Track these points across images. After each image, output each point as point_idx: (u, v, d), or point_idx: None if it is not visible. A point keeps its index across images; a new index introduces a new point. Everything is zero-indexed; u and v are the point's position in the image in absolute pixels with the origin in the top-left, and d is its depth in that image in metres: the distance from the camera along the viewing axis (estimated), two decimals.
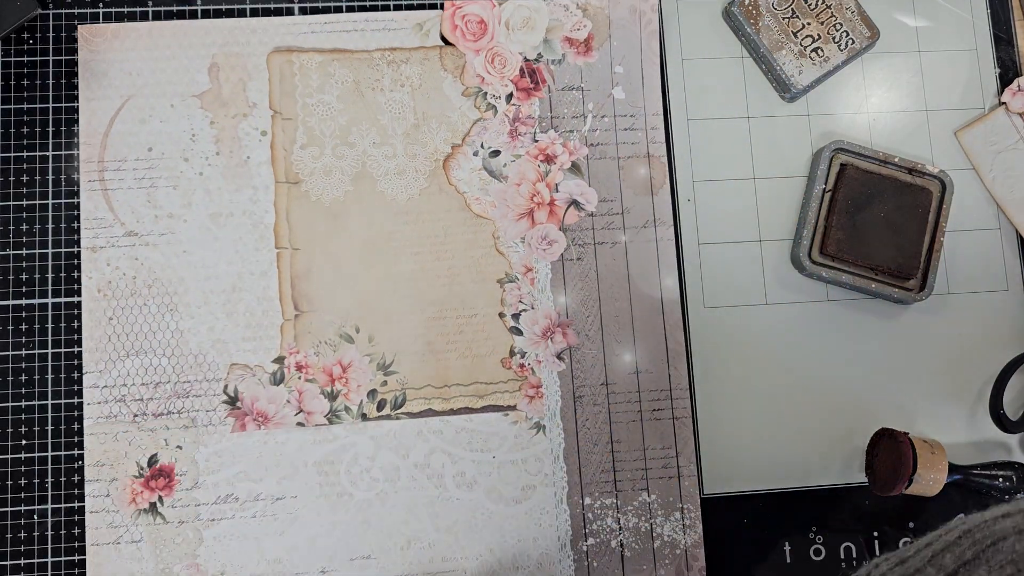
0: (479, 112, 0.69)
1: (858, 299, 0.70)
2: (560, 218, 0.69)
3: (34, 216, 0.66)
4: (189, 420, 0.65)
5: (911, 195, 0.69)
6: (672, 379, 0.68)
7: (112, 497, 0.63)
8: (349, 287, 0.67)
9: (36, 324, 0.65)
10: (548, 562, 0.65)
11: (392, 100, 0.69)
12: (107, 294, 0.65)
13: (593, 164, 0.69)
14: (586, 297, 0.68)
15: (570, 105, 0.70)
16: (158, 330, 0.65)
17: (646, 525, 0.67)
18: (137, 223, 0.66)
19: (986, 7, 0.74)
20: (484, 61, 0.69)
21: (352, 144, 0.68)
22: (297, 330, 0.66)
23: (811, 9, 0.70)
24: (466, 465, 0.66)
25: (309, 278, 0.67)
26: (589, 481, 0.67)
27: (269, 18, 0.69)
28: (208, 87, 0.68)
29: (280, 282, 0.67)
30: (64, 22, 0.68)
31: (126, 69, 0.67)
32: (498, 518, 0.66)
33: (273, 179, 0.67)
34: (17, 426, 0.64)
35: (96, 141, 0.66)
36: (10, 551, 0.63)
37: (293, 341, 0.66)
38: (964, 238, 0.72)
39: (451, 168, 0.68)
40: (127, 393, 0.64)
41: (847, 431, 0.69)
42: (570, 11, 0.70)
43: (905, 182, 0.69)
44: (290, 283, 0.66)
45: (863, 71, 0.73)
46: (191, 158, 0.67)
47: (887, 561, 0.46)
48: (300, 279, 0.67)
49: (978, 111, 0.73)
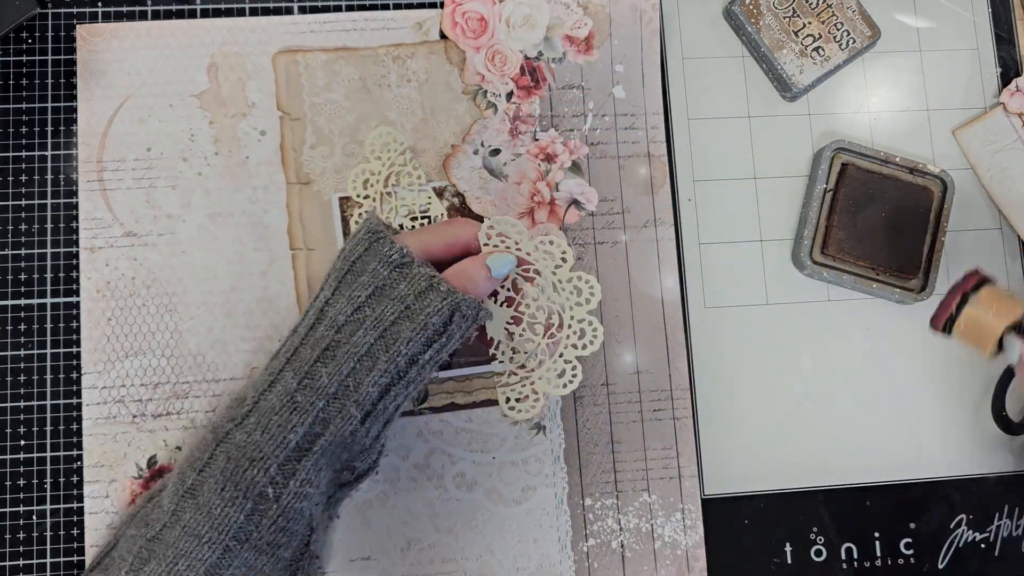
0: (479, 111, 0.69)
1: (859, 299, 0.70)
2: (560, 217, 0.68)
3: (33, 216, 0.66)
4: (188, 421, 0.64)
5: (912, 195, 0.69)
6: (673, 379, 0.68)
7: (111, 498, 0.63)
8: None
9: (35, 324, 0.65)
10: (548, 563, 0.65)
11: (400, 96, 0.69)
12: (106, 295, 0.65)
13: (593, 163, 0.69)
14: None
15: (570, 104, 0.70)
16: (157, 331, 0.65)
17: (647, 526, 0.67)
18: (136, 223, 0.66)
19: (987, 6, 0.74)
20: (484, 59, 0.69)
21: (362, 142, 0.68)
22: None
23: (812, 8, 0.70)
24: (466, 466, 0.66)
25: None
26: (589, 482, 0.67)
27: (268, 17, 0.69)
28: (207, 87, 0.67)
29: (296, 283, 0.66)
30: (63, 21, 0.68)
31: (124, 69, 0.67)
32: (498, 519, 0.66)
33: (272, 178, 0.67)
34: (16, 426, 0.64)
35: (94, 141, 0.66)
36: (9, 551, 0.63)
37: None
38: (965, 238, 0.72)
39: (451, 166, 0.68)
40: (126, 394, 0.64)
41: (848, 431, 0.69)
42: (571, 9, 0.70)
43: (906, 182, 0.69)
44: (307, 284, 0.66)
45: (864, 71, 0.73)
46: (190, 158, 0.67)
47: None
48: (317, 280, 0.66)
49: (979, 111, 0.73)
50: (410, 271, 0.53)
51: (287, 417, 0.51)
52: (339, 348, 0.52)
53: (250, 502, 0.50)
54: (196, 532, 0.50)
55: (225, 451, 0.51)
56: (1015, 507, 0.70)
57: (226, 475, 0.50)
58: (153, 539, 0.51)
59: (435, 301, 0.53)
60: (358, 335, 0.52)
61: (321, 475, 0.53)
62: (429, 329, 0.53)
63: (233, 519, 0.50)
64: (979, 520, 0.69)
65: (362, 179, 0.67)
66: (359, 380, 0.52)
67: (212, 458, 0.51)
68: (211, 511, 0.50)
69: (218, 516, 0.50)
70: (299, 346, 0.53)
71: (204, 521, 0.50)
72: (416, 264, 0.53)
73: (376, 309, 0.53)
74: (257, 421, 0.51)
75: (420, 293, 0.53)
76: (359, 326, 0.52)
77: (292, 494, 0.51)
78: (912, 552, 0.68)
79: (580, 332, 0.65)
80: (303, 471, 0.51)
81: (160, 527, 0.51)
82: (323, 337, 0.52)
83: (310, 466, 0.51)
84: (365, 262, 0.54)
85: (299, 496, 0.51)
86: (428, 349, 0.53)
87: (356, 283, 0.53)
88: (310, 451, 0.51)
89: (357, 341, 0.52)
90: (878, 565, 0.68)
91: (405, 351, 0.52)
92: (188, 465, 0.52)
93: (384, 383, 0.53)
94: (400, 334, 0.52)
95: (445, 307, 0.53)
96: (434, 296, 0.53)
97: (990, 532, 0.69)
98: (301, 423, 0.51)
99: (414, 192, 0.67)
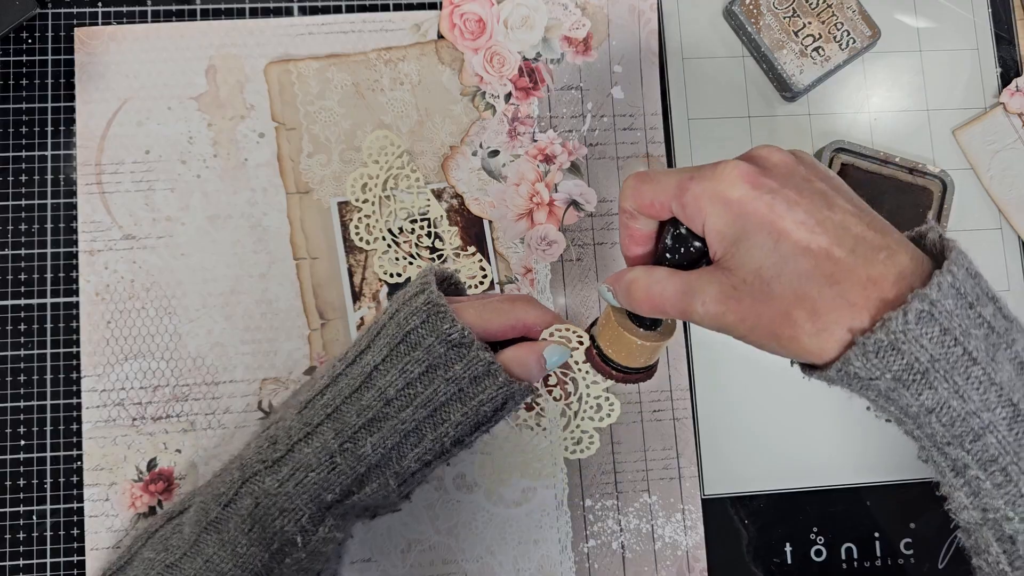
0: (477, 112, 0.69)
1: None
2: (559, 218, 0.68)
3: (33, 216, 0.66)
4: (188, 424, 0.64)
5: (912, 195, 0.69)
6: (672, 380, 0.68)
7: (112, 501, 0.63)
8: None
9: (35, 324, 0.65)
10: (549, 564, 0.65)
11: (393, 99, 0.69)
12: (105, 297, 0.65)
13: (592, 164, 0.69)
14: (586, 298, 0.68)
15: (569, 105, 0.70)
16: (156, 333, 0.65)
17: (647, 526, 0.67)
18: (135, 226, 0.66)
19: (987, 6, 0.74)
20: (483, 60, 0.69)
21: (359, 148, 0.68)
22: (325, 339, 0.66)
23: (812, 8, 0.70)
24: (466, 467, 0.66)
25: (331, 286, 0.67)
26: (590, 483, 0.67)
27: (267, 20, 0.68)
28: (205, 89, 0.67)
29: (303, 292, 0.66)
30: (63, 22, 0.68)
31: (123, 71, 0.67)
32: (498, 520, 0.66)
33: (271, 181, 0.67)
34: (16, 426, 0.64)
35: (93, 144, 0.66)
36: (9, 551, 0.63)
37: (322, 350, 0.66)
38: (965, 238, 0.71)
39: (450, 168, 0.68)
40: (126, 397, 0.64)
41: (847, 431, 0.69)
42: (569, 10, 0.70)
43: (906, 182, 0.69)
44: (312, 292, 0.66)
45: (864, 71, 0.73)
46: (188, 160, 0.67)
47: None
48: (322, 288, 0.67)
49: (979, 111, 0.73)
50: (468, 353, 0.50)
51: (324, 476, 0.50)
52: (386, 421, 0.51)
53: (276, 544, 0.50)
54: (219, 568, 0.50)
55: (252, 493, 0.51)
56: None
57: (255, 518, 0.50)
58: (172, 566, 0.51)
59: (490, 389, 0.51)
60: (407, 412, 0.50)
61: (349, 522, 0.53)
62: (480, 415, 0.51)
63: (258, 558, 0.50)
64: None
65: (360, 183, 0.67)
66: (402, 454, 0.51)
67: (238, 496, 0.51)
68: (236, 549, 0.50)
69: (243, 555, 0.50)
70: (341, 405, 0.52)
71: (228, 559, 0.50)
72: (476, 347, 0.51)
73: (428, 387, 0.51)
74: (291, 473, 0.51)
75: (476, 378, 0.51)
76: (409, 403, 0.51)
77: (320, 539, 0.51)
78: (912, 552, 0.68)
79: (597, 406, 0.66)
80: (331, 519, 0.51)
81: (180, 555, 0.51)
82: (370, 407, 0.51)
83: (339, 516, 0.52)
84: (421, 336, 0.51)
85: (326, 541, 0.51)
86: (475, 431, 0.52)
87: (409, 357, 0.51)
88: (342, 504, 0.51)
89: (405, 418, 0.50)
90: (878, 565, 0.68)
91: (453, 433, 0.51)
92: (212, 498, 0.52)
93: (427, 459, 0.52)
94: (450, 416, 0.51)
95: (500, 396, 0.51)
96: (490, 383, 0.51)
97: None
98: (339, 484, 0.50)
99: (413, 194, 0.67)
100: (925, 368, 0.40)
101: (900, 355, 0.40)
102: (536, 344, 0.54)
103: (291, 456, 0.51)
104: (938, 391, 0.40)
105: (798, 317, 0.42)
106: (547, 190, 0.68)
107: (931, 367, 0.40)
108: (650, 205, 0.46)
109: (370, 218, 0.67)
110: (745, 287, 0.43)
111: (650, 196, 0.46)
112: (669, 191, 0.45)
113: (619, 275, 0.50)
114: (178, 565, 0.51)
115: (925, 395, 0.41)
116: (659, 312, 0.48)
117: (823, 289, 0.41)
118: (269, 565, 0.50)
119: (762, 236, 0.42)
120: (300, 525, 0.50)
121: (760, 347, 0.45)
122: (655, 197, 0.46)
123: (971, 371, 0.40)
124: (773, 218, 0.42)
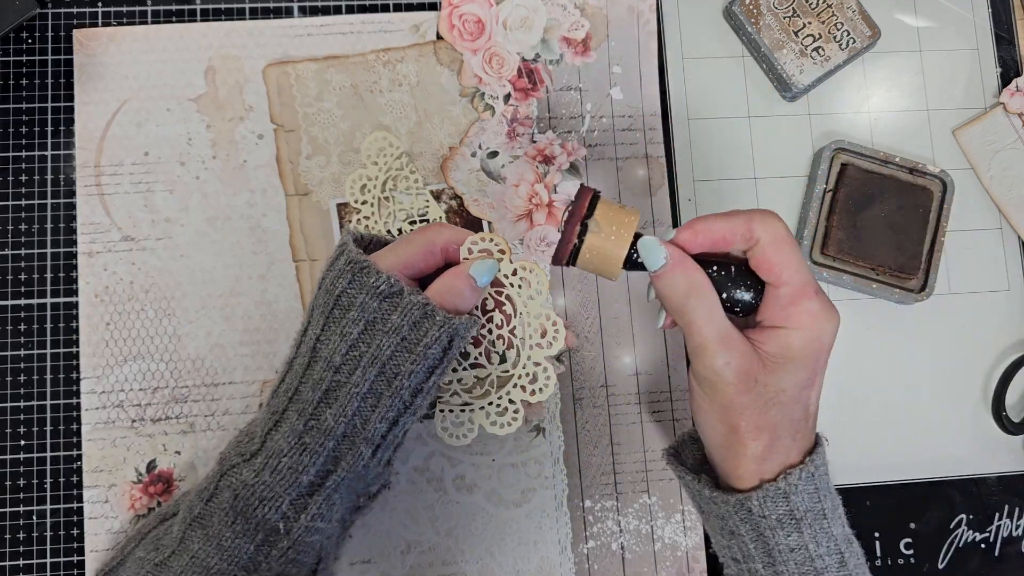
0: (476, 112, 0.69)
1: (859, 299, 0.70)
2: (559, 219, 0.68)
3: (33, 216, 0.66)
4: (188, 425, 0.64)
5: (912, 195, 0.69)
6: (672, 380, 0.68)
7: (111, 503, 0.63)
8: None
9: (35, 324, 0.65)
10: (549, 565, 0.65)
11: (392, 100, 0.68)
12: (104, 299, 0.65)
13: (592, 165, 0.69)
14: (585, 299, 0.68)
15: (568, 105, 0.70)
16: (156, 335, 0.65)
17: (647, 527, 0.67)
18: (134, 228, 0.66)
19: (987, 6, 0.74)
20: (482, 61, 0.69)
21: (357, 149, 0.68)
22: None
23: (812, 8, 0.70)
24: (465, 468, 0.66)
25: None
26: (589, 483, 0.67)
27: (266, 21, 0.68)
28: (204, 90, 0.67)
29: (302, 294, 0.66)
30: (63, 22, 0.68)
31: (122, 73, 0.67)
32: (498, 521, 0.66)
33: (271, 182, 0.67)
34: (16, 426, 0.64)
35: (92, 145, 0.66)
36: (9, 552, 0.63)
37: None
38: (965, 238, 0.72)
39: (449, 169, 0.68)
40: (125, 398, 0.64)
41: (847, 432, 0.69)
42: (568, 11, 0.70)
43: (906, 182, 0.69)
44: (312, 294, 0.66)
45: (864, 70, 0.73)
46: (188, 162, 0.67)
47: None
48: None
49: (979, 111, 0.73)
50: (401, 300, 0.50)
51: (297, 459, 0.50)
52: (340, 389, 0.50)
53: (260, 534, 0.50)
54: (205, 564, 0.50)
55: (231, 486, 0.51)
56: (1015, 507, 0.70)
57: (237, 510, 0.50)
58: (161, 564, 0.51)
59: (432, 331, 0.50)
60: (356, 374, 0.50)
61: (335, 509, 0.52)
62: (429, 359, 0.51)
63: (243, 550, 0.50)
64: (979, 520, 0.69)
65: (359, 184, 0.67)
66: (365, 418, 0.51)
67: (218, 490, 0.51)
68: (221, 543, 0.50)
69: (228, 548, 0.50)
70: (299, 386, 0.52)
71: (214, 553, 0.50)
72: (407, 292, 0.50)
73: (371, 345, 0.50)
74: (265, 461, 0.51)
75: (415, 323, 0.50)
76: (356, 364, 0.50)
77: (303, 528, 0.51)
78: (912, 552, 0.68)
79: (532, 376, 0.58)
80: (314, 506, 0.51)
81: (168, 553, 0.51)
82: (322, 379, 0.51)
83: (322, 501, 0.51)
84: (351, 295, 0.51)
85: (310, 530, 0.51)
86: (431, 377, 0.52)
87: (345, 319, 0.51)
88: (322, 487, 0.51)
89: (357, 380, 0.50)
90: (878, 565, 0.68)
91: (408, 384, 0.51)
92: (196, 494, 0.52)
93: (391, 417, 0.51)
94: (400, 368, 0.51)
95: (443, 335, 0.51)
96: (430, 325, 0.50)
97: (990, 532, 0.69)
98: (312, 463, 0.50)
99: (412, 196, 0.67)
100: (801, 515, 0.51)
101: (787, 502, 0.51)
102: (459, 267, 0.54)
103: (264, 447, 0.51)
104: (803, 535, 0.51)
105: (761, 441, 0.51)
106: (546, 191, 0.68)
107: (803, 516, 0.51)
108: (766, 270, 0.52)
109: (369, 219, 0.67)
110: (758, 386, 0.50)
111: (777, 274, 0.51)
112: (796, 283, 0.51)
113: (686, 264, 0.52)
114: (167, 563, 0.51)
115: (793, 536, 0.51)
116: (681, 317, 0.51)
117: (790, 437, 0.52)
118: (256, 557, 0.50)
119: (807, 375, 0.51)
120: (281, 512, 0.50)
121: (705, 428, 0.54)
122: (779, 277, 0.51)
123: (822, 523, 0.52)
124: (818, 369, 0.52)
